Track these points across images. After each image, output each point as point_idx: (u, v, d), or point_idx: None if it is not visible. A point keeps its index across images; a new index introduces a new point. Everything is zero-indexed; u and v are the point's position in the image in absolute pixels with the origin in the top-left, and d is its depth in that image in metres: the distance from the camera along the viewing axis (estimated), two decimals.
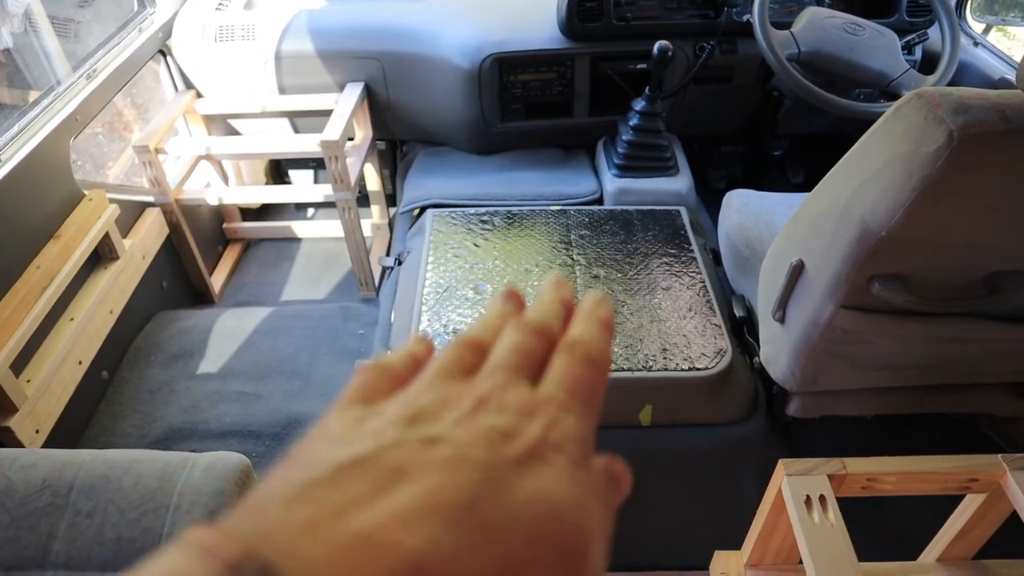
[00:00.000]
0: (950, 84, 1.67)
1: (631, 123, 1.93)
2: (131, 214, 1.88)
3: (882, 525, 1.42)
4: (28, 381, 1.41)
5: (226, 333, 1.85)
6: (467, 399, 0.24)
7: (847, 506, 0.96)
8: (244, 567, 0.17)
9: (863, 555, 0.89)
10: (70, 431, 1.54)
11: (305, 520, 0.18)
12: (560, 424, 0.23)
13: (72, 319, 1.56)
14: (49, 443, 1.44)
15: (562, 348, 0.27)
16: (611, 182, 1.94)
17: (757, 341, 1.41)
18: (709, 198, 2.19)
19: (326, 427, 0.24)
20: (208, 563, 0.17)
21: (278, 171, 2.54)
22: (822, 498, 0.92)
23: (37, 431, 1.41)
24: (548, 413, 0.24)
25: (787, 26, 1.76)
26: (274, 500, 0.19)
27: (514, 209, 1.79)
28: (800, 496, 0.92)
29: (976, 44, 1.96)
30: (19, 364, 1.41)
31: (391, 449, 0.21)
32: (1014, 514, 0.96)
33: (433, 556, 0.18)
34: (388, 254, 2.21)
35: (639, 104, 1.91)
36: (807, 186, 1.18)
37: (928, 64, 1.96)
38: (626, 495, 0.27)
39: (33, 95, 1.74)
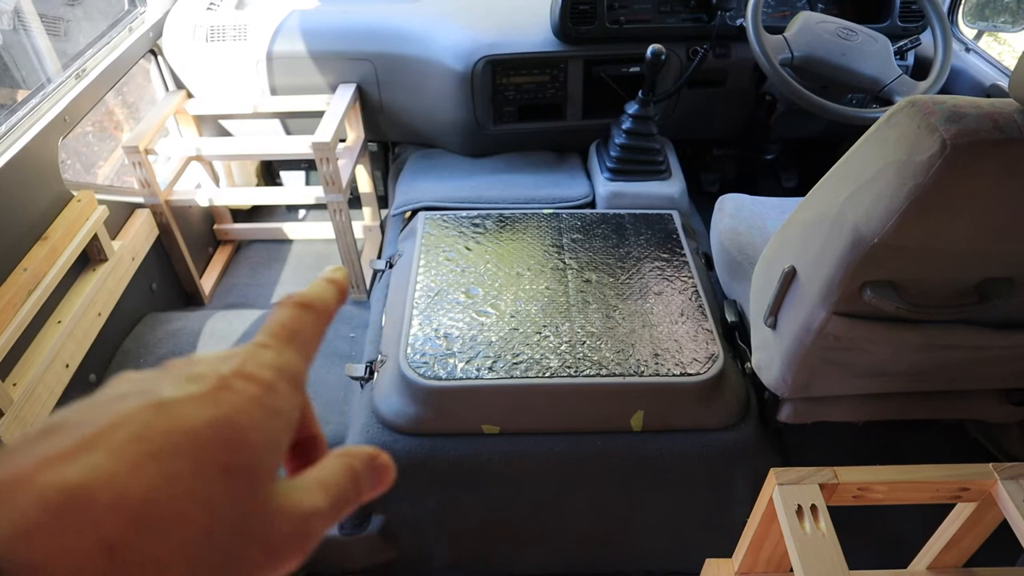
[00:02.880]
0: (942, 90, 1.68)
1: (624, 126, 1.92)
2: (120, 215, 1.86)
3: (874, 532, 1.42)
4: (14, 385, 1.40)
5: (216, 335, 1.84)
6: (182, 364, 0.26)
7: (839, 513, 0.96)
8: None
9: (854, 562, 0.89)
10: None
11: None
12: (254, 358, 0.26)
13: (59, 322, 1.54)
14: None
15: (281, 302, 0.31)
16: (604, 185, 1.94)
17: (749, 346, 1.41)
18: (702, 202, 2.19)
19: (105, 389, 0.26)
20: None
21: (269, 172, 2.52)
22: (813, 508, 0.91)
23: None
24: (244, 352, 0.27)
25: (780, 31, 1.76)
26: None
27: (506, 212, 1.78)
28: (791, 506, 0.92)
29: (968, 50, 1.97)
30: (5, 367, 1.39)
31: (89, 411, 0.23)
32: (1005, 523, 0.96)
33: (89, 481, 0.20)
34: (379, 257, 2.20)
35: (632, 107, 1.91)
36: (800, 190, 1.19)
37: (920, 69, 1.96)
38: (384, 489, 0.29)
39: (22, 94, 1.72)
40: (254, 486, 0.23)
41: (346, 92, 2.03)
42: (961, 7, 1.99)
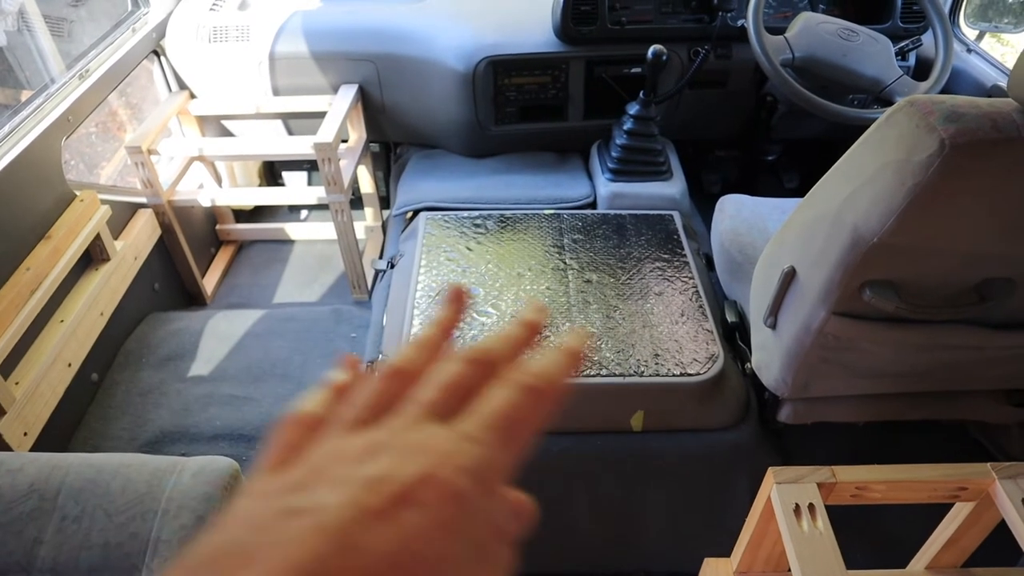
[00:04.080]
0: (943, 91, 1.68)
1: (625, 127, 1.93)
2: (123, 215, 1.87)
3: (872, 532, 1.42)
4: (16, 383, 1.40)
5: (218, 335, 1.85)
6: (358, 448, 0.23)
7: (837, 512, 0.96)
8: None
9: (852, 562, 0.89)
10: (59, 434, 1.53)
11: None
12: (455, 458, 0.22)
13: (62, 321, 1.55)
14: (38, 446, 1.43)
15: (502, 377, 0.26)
16: (605, 186, 1.94)
17: (749, 347, 1.41)
18: (703, 203, 2.19)
19: (236, 505, 0.23)
20: None
21: (271, 173, 2.53)
22: (811, 507, 0.91)
23: (25, 434, 1.40)
24: (443, 448, 0.22)
25: (781, 31, 1.76)
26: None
27: (507, 213, 1.78)
28: (789, 505, 0.92)
29: (969, 51, 1.97)
30: (8, 366, 1.40)
31: (256, 532, 0.21)
32: (1003, 522, 0.96)
33: None
34: (381, 257, 2.20)
35: (633, 108, 1.91)
36: (801, 191, 1.18)
37: (922, 70, 1.96)
38: (528, 526, 0.26)
39: (26, 95, 1.73)
40: None
41: (348, 93, 2.04)
42: (962, 8, 1.99)
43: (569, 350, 0.28)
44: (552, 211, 1.80)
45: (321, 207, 2.48)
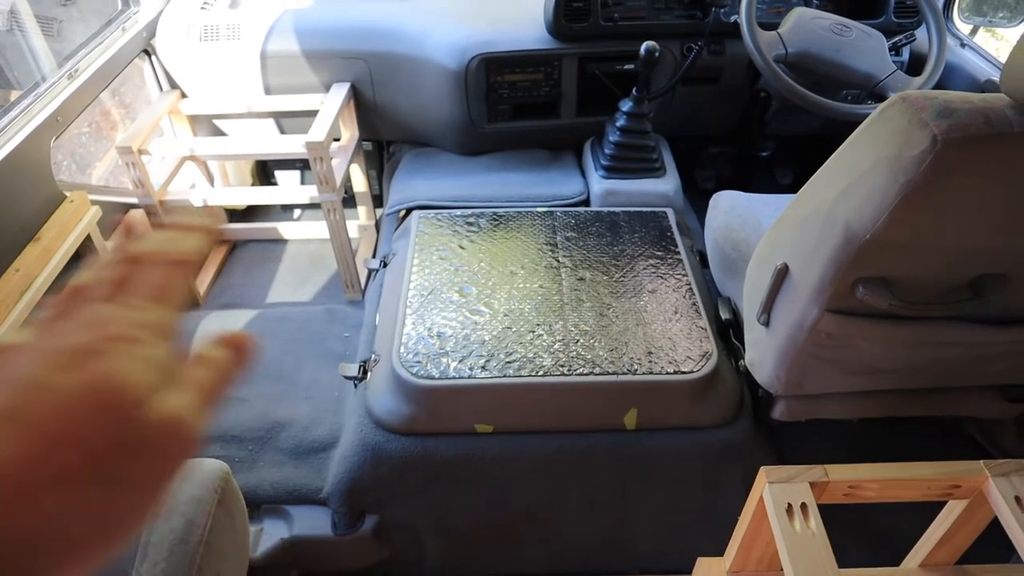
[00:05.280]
0: (937, 86, 1.68)
1: (618, 124, 1.92)
2: (114, 216, 1.86)
3: (865, 529, 1.42)
4: None
5: (211, 336, 1.83)
6: (47, 339, 0.29)
7: (830, 510, 0.95)
8: None
9: (845, 561, 0.88)
10: None
11: None
12: (120, 321, 0.29)
13: None
14: None
15: (142, 260, 0.33)
16: (598, 183, 1.93)
17: (743, 344, 1.40)
18: (697, 199, 2.19)
19: None
20: None
21: (264, 172, 2.52)
22: (803, 506, 0.91)
23: None
24: (108, 315, 0.30)
25: (774, 27, 1.75)
26: None
27: (500, 211, 1.78)
28: (781, 504, 0.91)
29: (963, 45, 1.96)
30: None
31: None
32: (996, 520, 0.96)
33: None
34: (374, 256, 2.19)
35: (626, 105, 1.90)
36: (795, 187, 1.18)
37: (915, 65, 1.96)
38: (253, 356, 0.34)
39: (15, 94, 1.72)
40: (123, 415, 0.26)
41: (340, 91, 2.03)
42: (956, 2, 1.99)
43: (185, 223, 0.35)
44: (545, 209, 1.80)
45: (314, 206, 2.47)
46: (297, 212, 2.56)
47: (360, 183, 2.30)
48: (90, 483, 0.25)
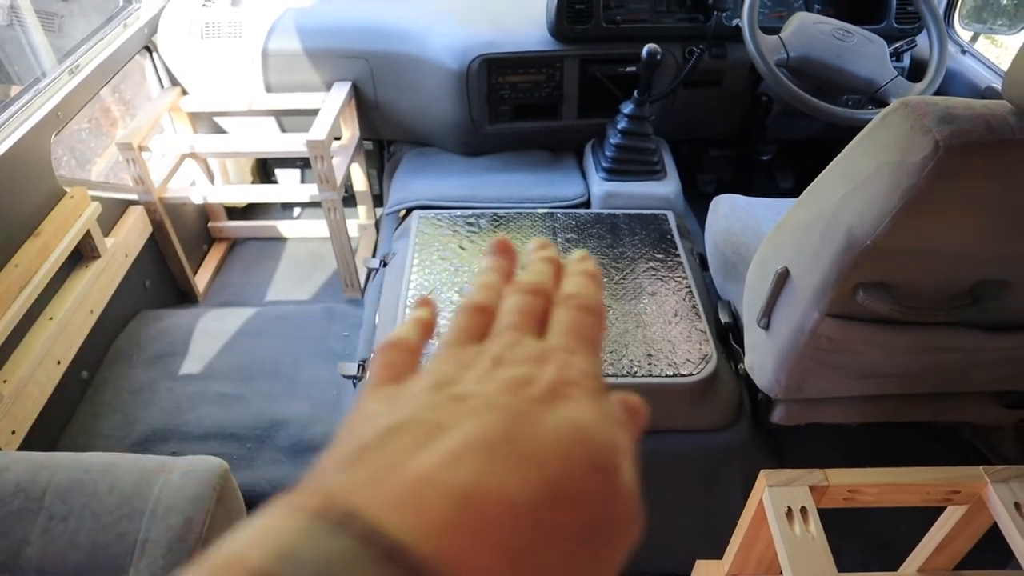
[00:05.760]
0: (937, 92, 1.68)
1: (619, 126, 1.92)
2: (114, 212, 1.86)
3: (864, 533, 1.42)
4: (5, 381, 1.39)
5: (209, 334, 1.84)
6: (483, 360, 0.27)
7: (829, 514, 0.95)
8: (327, 515, 0.19)
9: (844, 565, 0.88)
10: (48, 432, 1.51)
11: (366, 476, 0.21)
12: (571, 365, 0.27)
13: (51, 318, 1.54)
14: (26, 444, 1.42)
15: (559, 302, 0.31)
16: (598, 185, 1.93)
17: (742, 347, 1.40)
18: (697, 202, 2.19)
19: (362, 409, 0.26)
20: (300, 516, 0.19)
21: (264, 170, 2.52)
22: (803, 510, 0.91)
23: (13, 432, 1.39)
24: (558, 358, 0.27)
25: (776, 31, 1.76)
26: (334, 468, 0.22)
27: (500, 212, 1.78)
28: (781, 508, 0.91)
29: (964, 52, 1.97)
30: None
31: (426, 411, 0.24)
32: (995, 526, 0.96)
33: (482, 485, 0.20)
34: (374, 255, 2.19)
35: (627, 107, 1.90)
36: (796, 191, 1.18)
37: (916, 71, 1.96)
38: (644, 424, 0.30)
39: (15, 89, 1.72)
40: (614, 482, 0.24)
41: (341, 90, 2.03)
42: (957, 9, 1.99)
43: (587, 271, 0.33)
44: (546, 210, 1.80)
45: (314, 205, 2.47)
46: (297, 211, 2.56)
47: (360, 182, 2.30)
48: (574, 550, 0.22)
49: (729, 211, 1.62)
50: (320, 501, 0.20)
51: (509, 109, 2.04)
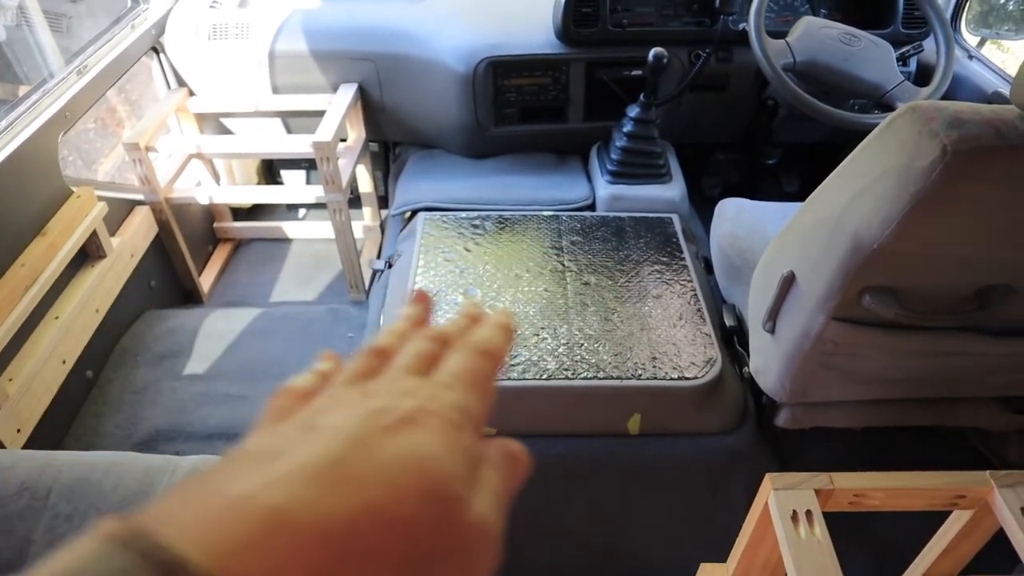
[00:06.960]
0: (944, 97, 1.68)
1: (625, 129, 1.92)
2: (120, 212, 1.86)
3: (869, 538, 1.42)
4: (10, 380, 1.39)
5: (214, 334, 1.84)
6: (356, 394, 0.28)
7: (834, 519, 0.95)
8: (120, 535, 0.19)
9: (850, 568, 0.88)
10: (53, 431, 1.52)
11: (183, 499, 0.21)
12: (438, 398, 0.28)
13: (57, 317, 1.54)
14: (31, 443, 1.42)
15: (456, 347, 0.32)
16: (604, 188, 1.93)
17: (747, 351, 1.40)
18: (703, 206, 2.19)
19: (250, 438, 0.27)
20: (98, 538, 0.19)
21: (270, 171, 2.52)
22: (808, 513, 0.91)
23: (19, 430, 1.39)
24: (427, 392, 0.28)
25: (783, 35, 1.75)
26: (180, 491, 0.23)
27: (506, 214, 1.78)
28: (786, 511, 0.91)
29: (971, 57, 1.96)
30: (2, 363, 1.39)
31: (275, 440, 0.25)
32: (1001, 531, 0.96)
33: (292, 505, 0.21)
34: (379, 257, 2.19)
35: (633, 111, 1.90)
36: (801, 195, 1.18)
37: (923, 76, 1.96)
38: (524, 471, 0.31)
39: (24, 90, 1.72)
40: (450, 511, 0.24)
41: (347, 92, 2.03)
42: (964, 14, 1.99)
43: (500, 324, 0.34)
44: (551, 213, 1.80)
45: (319, 206, 2.47)
46: (302, 212, 2.56)
47: (366, 184, 2.30)
48: (402, 573, 0.22)
49: (734, 215, 1.62)
50: (123, 524, 0.20)
51: (515, 112, 2.05)
